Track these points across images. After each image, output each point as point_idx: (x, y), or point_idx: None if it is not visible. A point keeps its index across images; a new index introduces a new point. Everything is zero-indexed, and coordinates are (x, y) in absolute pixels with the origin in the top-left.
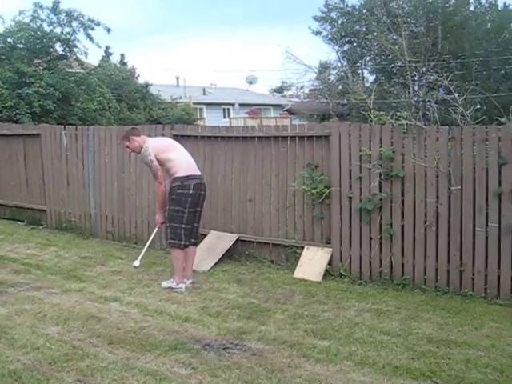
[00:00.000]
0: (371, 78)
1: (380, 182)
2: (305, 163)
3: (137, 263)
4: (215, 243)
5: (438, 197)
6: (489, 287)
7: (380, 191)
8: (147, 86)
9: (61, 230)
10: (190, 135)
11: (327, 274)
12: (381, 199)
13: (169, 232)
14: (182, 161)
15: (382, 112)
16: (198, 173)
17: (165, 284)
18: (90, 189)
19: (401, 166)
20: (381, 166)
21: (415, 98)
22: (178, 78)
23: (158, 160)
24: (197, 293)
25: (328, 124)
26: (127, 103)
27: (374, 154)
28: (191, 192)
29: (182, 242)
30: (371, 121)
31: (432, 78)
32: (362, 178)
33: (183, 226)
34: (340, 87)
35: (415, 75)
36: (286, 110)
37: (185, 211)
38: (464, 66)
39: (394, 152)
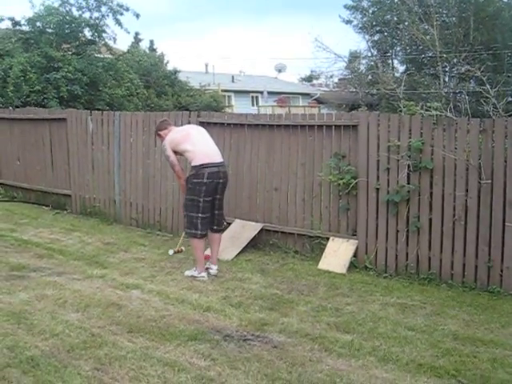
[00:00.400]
0: (401, 68)
1: (408, 174)
2: (332, 153)
3: (171, 251)
4: (239, 232)
5: (467, 190)
6: None
7: (408, 183)
8: (176, 72)
9: (85, 216)
10: (217, 122)
11: (352, 266)
12: (408, 191)
13: (185, 221)
14: (198, 150)
15: (411, 102)
16: (217, 160)
17: (187, 273)
18: (114, 174)
19: (430, 158)
20: (409, 157)
21: (445, 90)
22: (206, 65)
23: (177, 152)
24: (219, 282)
25: (356, 113)
26: (155, 89)
27: (402, 144)
28: (205, 181)
29: (199, 232)
30: (400, 111)
31: (464, 68)
32: (389, 169)
33: (200, 215)
34: (370, 77)
35: (446, 66)
36: (315, 99)
37: (200, 200)
38: (496, 57)
39: (423, 143)
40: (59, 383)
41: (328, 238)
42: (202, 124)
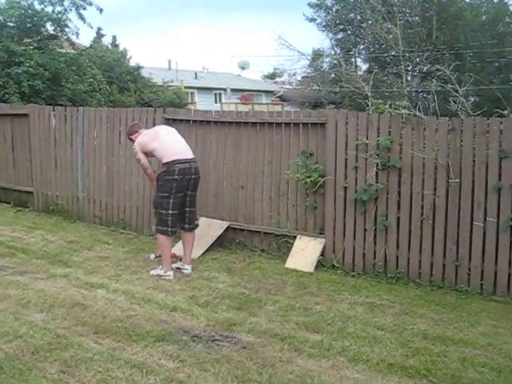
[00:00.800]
0: (364, 66)
1: (376, 173)
2: (299, 151)
3: (152, 256)
4: (205, 230)
5: (435, 189)
6: (485, 283)
7: (376, 182)
8: (138, 68)
9: (48, 213)
10: (182, 119)
11: (320, 265)
12: (376, 190)
13: (156, 218)
14: (167, 147)
15: (380, 101)
16: (189, 156)
17: (153, 272)
18: (78, 172)
19: (398, 157)
20: (378, 155)
21: (408, 88)
22: (169, 62)
23: (147, 153)
24: (185, 281)
25: (324, 111)
26: (118, 85)
27: (371, 143)
28: (176, 177)
29: (169, 229)
30: (367, 109)
31: (427, 68)
32: (358, 167)
33: (170, 212)
34: (333, 75)
35: (409, 65)
36: (278, 97)
37: (170, 197)
38: (458, 57)
39: (391, 142)
40: None
41: (295, 237)
42: (167, 121)
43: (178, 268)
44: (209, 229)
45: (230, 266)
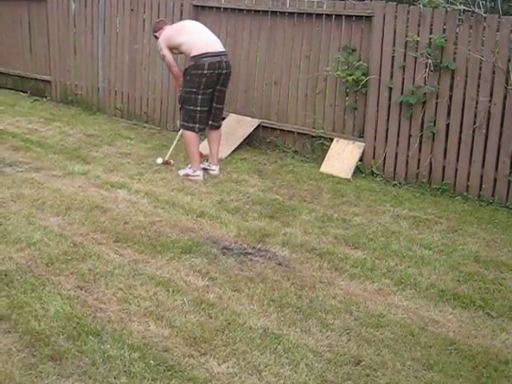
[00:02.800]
0: None
1: (427, 74)
2: (341, 46)
3: (160, 160)
4: (234, 128)
5: (491, 96)
6: None
7: (425, 84)
8: None
9: (66, 104)
10: (212, 6)
11: (358, 171)
12: (425, 93)
13: (182, 114)
14: (195, 39)
15: None
16: (219, 49)
17: (182, 172)
18: (98, 60)
19: (452, 58)
20: (429, 55)
21: None
22: None
23: (172, 49)
24: (213, 183)
25: (371, 3)
26: None
27: (422, 41)
28: (205, 72)
29: (197, 125)
30: (418, 2)
31: None
32: (405, 67)
33: (198, 108)
34: None
35: None
36: None
37: (199, 92)
38: None
39: (446, 40)
40: (36, 305)
41: (332, 139)
42: (195, 8)
43: (204, 169)
44: (238, 126)
45: (261, 168)
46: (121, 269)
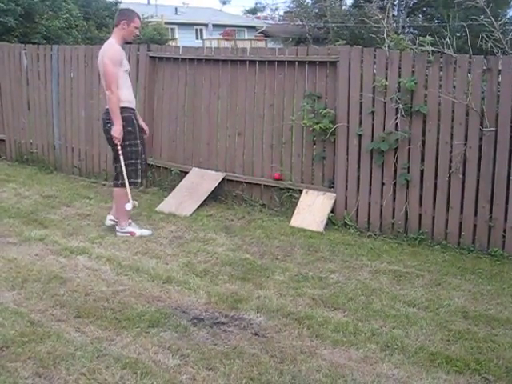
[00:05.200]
0: (349, 1)
1: (397, 119)
2: (305, 93)
3: (129, 206)
4: (198, 183)
5: (466, 139)
6: None
7: (397, 129)
8: (116, 3)
9: (21, 163)
10: (170, 57)
11: (330, 223)
12: (397, 139)
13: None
14: None
15: (400, 36)
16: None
17: (121, 233)
18: (53, 117)
19: (423, 101)
20: (399, 99)
21: (394, 24)
22: None
23: None
24: (178, 244)
25: (335, 47)
26: (95, 21)
27: (391, 85)
28: None
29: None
30: (384, 46)
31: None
32: (375, 113)
33: None
34: (316, 10)
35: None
36: (261, 33)
37: None
38: None
39: (416, 84)
40: None
41: (301, 191)
42: (152, 59)
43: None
44: (202, 181)
45: (228, 225)
46: (83, 350)
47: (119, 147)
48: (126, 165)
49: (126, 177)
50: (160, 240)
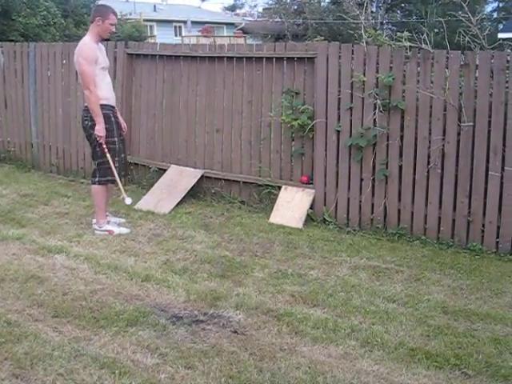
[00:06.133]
0: None
1: (375, 115)
2: (283, 89)
3: (129, 200)
4: (176, 180)
5: (444, 134)
6: (501, 241)
7: (375, 125)
8: (95, 1)
9: None
10: (147, 54)
11: (309, 219)
12: (375, 135)
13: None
14: None
15: (378, 31)
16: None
17: (99, 231)
18: (31, 115)
19: (401, 97)
20: (377, 95)
21: (373, 21)
22: None
23: None
24: (157, 241)
25: (313, 44)
26: (73, 19)
27: (369, 80)
28: None
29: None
30: (362, 42)
31: None
32: (353, 108)
33: None
34: (295, 6)
35: None
36: (240, 29)
37: None
38: None
39: (393, 79)
40: None
41: (280, 187)
42: (130, 56)
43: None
44: (180, 178)
45: (207, 222)
46: (60, 350)
47: (104, 145)
48: (101, 162)
49: (115, 172)
50: (138, 238)
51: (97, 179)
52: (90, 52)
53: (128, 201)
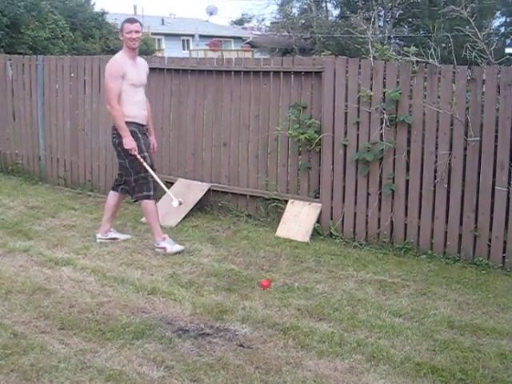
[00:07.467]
0: (335, 12)
1: (382, 129)
2: (290, 103)
3: (175, 203)
4: (183, 193)
5: (451, 149)
6: (508, 256)
7: (381, 140)
8: (103, 14)
9: (6, 174)
10: (155, 67)
11: (315, 233)
12: (382, 149)
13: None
14: None
15: (385, 46)
16: None
17: (168, 249)
18: (39, 127)
19: (408, 111)
20: (384, 109)
21: (380, 35)
22: (135, 7)
23: None
24: (163, 255)
25: (320, 58)
26: (82, 32)
27: (376, 95)
28: None
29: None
30: (369, 56)
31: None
32: (360, 123)
33: None
34: (303, 21)
35: (381, 10)
36: (248, 43)
37: None
38: (432, 1)
39: (400, 94)
40: None
41: (286, 201)
42: None
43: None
44: (187, 191)
45: (214, 236)
46: (67, 362)
47: (139, 157)
48: (137, 178)
49: (157, 179)
50: (145, 251)
51: (139, 195)
52: (114, 67)
53: (175, 203)
